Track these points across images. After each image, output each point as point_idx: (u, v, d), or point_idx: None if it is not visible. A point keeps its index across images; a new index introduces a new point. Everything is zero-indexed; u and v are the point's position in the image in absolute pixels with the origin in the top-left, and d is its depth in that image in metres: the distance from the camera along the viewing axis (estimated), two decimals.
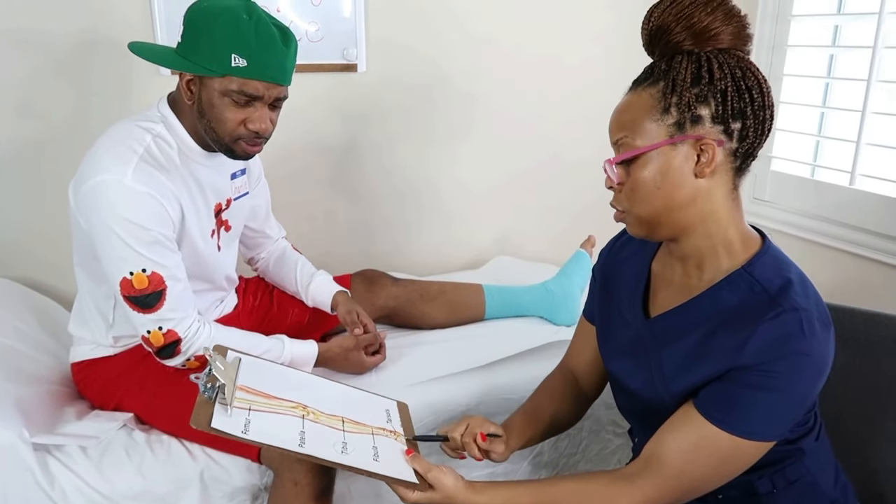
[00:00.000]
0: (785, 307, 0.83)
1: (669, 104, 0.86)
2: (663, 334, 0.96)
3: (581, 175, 2.20)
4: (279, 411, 1.04)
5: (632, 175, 0.89)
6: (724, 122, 0.86)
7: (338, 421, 1.08)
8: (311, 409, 1.08)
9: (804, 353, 0.83)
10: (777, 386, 0.83)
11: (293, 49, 1.30)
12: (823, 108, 2.11)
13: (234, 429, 0.94)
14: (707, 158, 0.86)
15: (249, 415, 0.99)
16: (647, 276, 1.03)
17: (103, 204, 1.21)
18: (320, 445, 0.99)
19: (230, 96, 1.26)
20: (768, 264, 0.89)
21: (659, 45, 0.89)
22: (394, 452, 1.05)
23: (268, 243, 1.70)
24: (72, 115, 1.76)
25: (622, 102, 0.92)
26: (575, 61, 2.24)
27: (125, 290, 1.25)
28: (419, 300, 1.78)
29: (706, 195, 0.88)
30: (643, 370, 0.99)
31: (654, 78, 0.88)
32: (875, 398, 1.15)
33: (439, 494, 0.95)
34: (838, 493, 1.00)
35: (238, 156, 1.34)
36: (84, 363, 1.42)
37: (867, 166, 1.93)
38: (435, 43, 2.07)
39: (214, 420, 0.94)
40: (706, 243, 0.91)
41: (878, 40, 1.84)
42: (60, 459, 1.25)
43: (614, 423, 1.72)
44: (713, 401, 0.88)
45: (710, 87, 0.85)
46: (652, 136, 0.87)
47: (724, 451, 0.87)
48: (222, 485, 1.31)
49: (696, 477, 0.90)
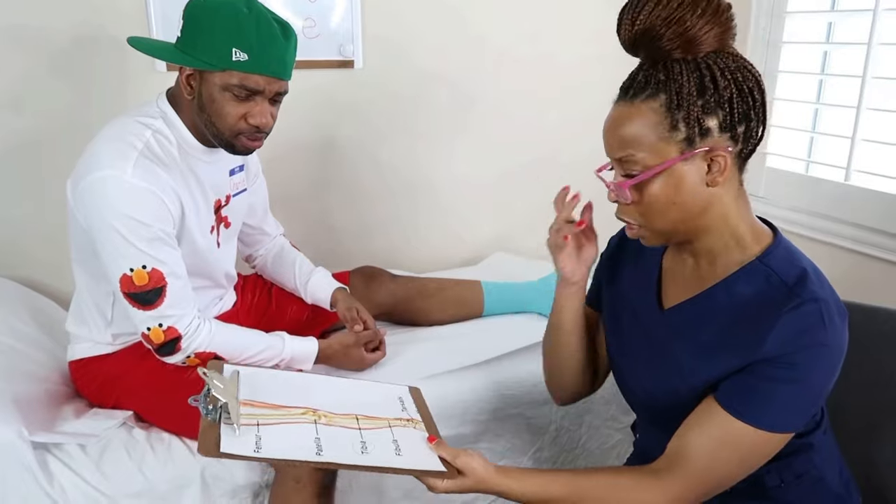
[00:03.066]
0: (804, 298, 0.84)
1: (677, 120, 0.84)
2: (678, 326, 0.96)
3: (578, 172, 2.17)
4: (289, 421, 0.99)
5: (644, 193, 0.88)
6: (731, 128, 0.85)
7: (352, 419, 1.03)
8: (321, 411, 1.03)
9: (824, 344, 0.83)
10: (799, 377, 0.84)
11: (293, 43, 1.30)
12: (818, 104, 2.12)
13: (245, 450, 0.90)
14: (719, 168, 0.86)
15: (259, 430, 0.94)
16: (658, 270, 1.03)
17: (103, 200, 1.20)
18: (339, 450, 0.94)
19: (231, 91, 1.25)
20: (782, 256, 0.90)
21: (644, 49, 0.87)
22: (415, 442, 1.00)
23: (266, 240, 1.69)
24: (67, 111, 1.74)
25: (619, 115, 0.88)
26: (572, 58, 2.25)
27: (125, 286, 1.24)
28: (418, 297, 1.77)
29: (718, 200, 0.88)
30: (656, 362, 0.98)
31: (653, 90, 0.85)
32: (875, 392, 1.16)
33: (470, 480, 0.91)
34: (842, 487, 1.01)
35: (238, 151, 1.33)
36: (82, 361, 1.41)
37: (862, 162, 1.94)
38: (432, 39, 2.07)
39: (223, 444, 0.89)
40: (719, 241, 0.92)
41: (874, 37, 1.85)
42: (60, 458, 1.24)
43: (614, 418, 1.73)
44: (736, 395, 0.87)
45: (715, 96, 0.83)
46: (662, 154, 0.85)
47: (748, 445, 0.87)
48: (223, 483, 1.31)
49: (722, 473, 0.90)
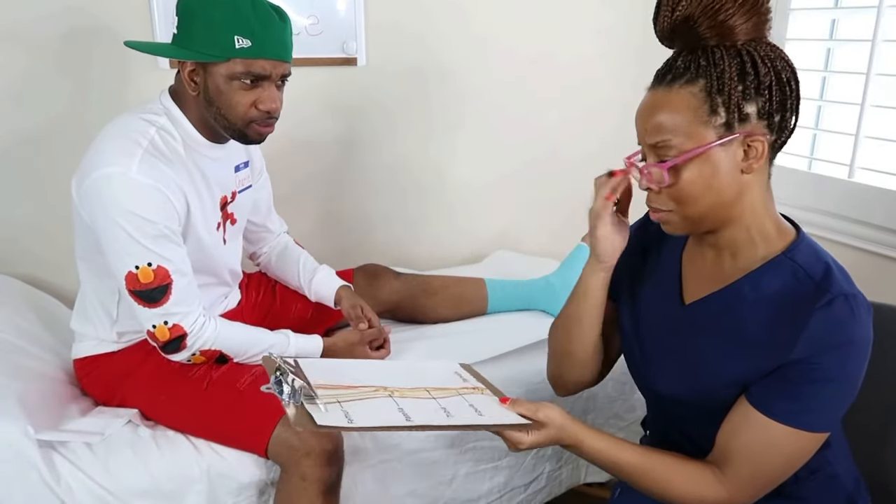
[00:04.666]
0: (834, 293, 0.84)
1: (717, 104, 0.84)
2: (702, 321, 0.96)
3: (582, 169, 2.18)
4: (367, 397, 1.01)
5: (680, 177, 0.87)
6: (769, 116, 0.85)
7: (423, 392, 1.05)
8: (391, 387, 1.05)
9: (854, 340, 0.84)
10: (834, 376, 0.84)
11: (289, 25, 1.30)
12: (821, 101, 2.12)
13: (339, 422, 0.91)
14: (755, 154, 0.86)
15: (343, 406, 0.95)
16: (679, 265, 1.02)
17: (108, 197, 1.20)
18: (426, 415, 0.96)
19: (238, 79, 1.24)
20: (807, 251, 0.90)
21: (681, 37, 0.87)
22: (490, 405, 1.01)
23: (270, 238, 1.69)
24: (69, 109, 1.73)
25: (655, 101, 0.88)
26: (575, 56, 2.24)
27: (130, 284, 1.24)
28: (422, 294, 1.77)
29: (749, 190, 0.88)
30: (679, 358, 0.98)
31: (693, 74, 0.85)
32: (882, 390, 1.15)
33: (553, 429, 0.93)
34: (853, 484, 1.01)
35: (251, 139, 1.32)
36: (87, 359, 1.41)
37: (866, 159, 1.94)
38: (436, 37, 2.06)
39: (317, 419, 0.89)
40: (744, 234, 0.91)
41: (878, 34, 1.85)
42: (66, 456, 1.24)
43: (617, 416, 1.73)
44: (774, 398, 0.87)
45: (756, 82, 0.84)
46: (700, 138, 0.85)
47: (792, 447, 0.88)
48: (229, 480, 1.30)
49: (770, 476, 0.90)
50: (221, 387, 1.33)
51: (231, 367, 1.37)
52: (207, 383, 1.33)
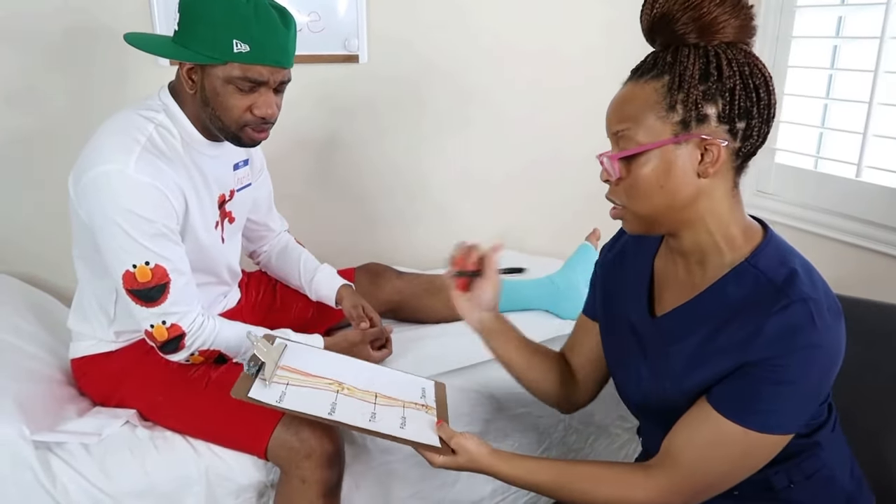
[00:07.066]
0: (793, 298, 0.82)
1: (675, 101, 0.83)
2: (670, 333, 0.95)
3: (584, 168, 2.15)
4: (315, 387, 1.11)
5: (632, 172, 0.87)
6: (729, 121, 0.84)
7: (371, 395, 1.14)
8: (346, 385, 1.14)
9: (815, 345, 0.81)
10: (789, 378, 0.82)
11: (293, 29, 1.27)
12: (827, 99, 2.10)
13: (269, 399, 1.03)
14: (711, 158, 0.84)
15: (286, 388, 1.07)
16: (651, 275, 1.01)
17: (105, 195, 1.18)
18: (349, 415, 1.05)
19: (234, 83, 1.22)
20: (771, 255, 0.88)
21: (661, 34, 0.87)
22: (421, 422, 1.09)
23: (270, 236, 1.67)
24: (67, 106, 1.72)
25: (622, 92, 0.89)
26: (577, 54, 2.23)
27: (128, 283, 1.22)
28: (424, 294, 1.75)
29: (707, 194, 0.87)
30: (651, 369, 0.97)
31: (659, 70, 0.85)
32: (887, 390, 1.14)
33: (463, 458, 1.00)
34: (854, 485, 0.99)
35: (245, 143, 1.31)
36: (85, 359, 1.39)
37: (874, 158, 1.92)
38: (437, 34, 2.05)
39: (252, 391, 1.03)
40: (707, 239, 0.90)
41: (886, 31, 1.83)
42: (62, 457, 1.22)
43: (622, 417, 1.72)
44: (727, 397, 0.86)
45: (718, 84, 0.83)
46: (656, 133, 0.85)
47: (740, 447, 0.86)
48: (228, 482, 1.29)
49: (713, 473, 0.89)
50: (220, 387, 1.30)
51: (230, 367, 1.35)
52: (206, 383, 1.32)
